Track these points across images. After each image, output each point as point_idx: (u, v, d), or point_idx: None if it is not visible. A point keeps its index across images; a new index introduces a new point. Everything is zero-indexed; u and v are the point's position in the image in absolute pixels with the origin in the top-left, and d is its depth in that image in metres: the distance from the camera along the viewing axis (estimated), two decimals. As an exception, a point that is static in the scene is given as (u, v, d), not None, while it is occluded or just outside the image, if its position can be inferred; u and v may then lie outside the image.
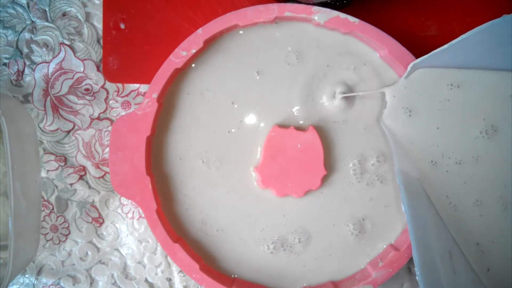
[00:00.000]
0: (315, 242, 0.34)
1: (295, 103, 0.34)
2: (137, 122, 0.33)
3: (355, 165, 0.34)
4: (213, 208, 0.34)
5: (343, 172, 0.34)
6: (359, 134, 0.34)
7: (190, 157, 0.34)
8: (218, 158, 0.34)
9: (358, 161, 0.34)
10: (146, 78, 0.35)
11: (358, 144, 0.34)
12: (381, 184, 0.34)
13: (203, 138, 0.34)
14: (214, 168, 0.34)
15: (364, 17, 0.32)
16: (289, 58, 0.34)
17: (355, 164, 0.34)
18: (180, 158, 0.34)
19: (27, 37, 0.36)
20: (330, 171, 0.34)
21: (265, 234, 0.34)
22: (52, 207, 0.37)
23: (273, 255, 0.34)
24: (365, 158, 0.34)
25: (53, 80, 0.37)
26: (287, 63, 0.34)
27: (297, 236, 0.34)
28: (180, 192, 0.34)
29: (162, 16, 0.36)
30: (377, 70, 0.34)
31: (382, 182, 0.34)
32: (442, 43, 0.36)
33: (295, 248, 0.34)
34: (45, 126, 0.37)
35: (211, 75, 0.34)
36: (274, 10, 0.32)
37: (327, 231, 0.34)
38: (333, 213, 0.34)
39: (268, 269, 0.35)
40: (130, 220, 0.38)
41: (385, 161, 0.34)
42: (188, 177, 0.34)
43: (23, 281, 0.38)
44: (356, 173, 0.34)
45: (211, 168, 0.34)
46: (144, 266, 0.38)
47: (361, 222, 0.34)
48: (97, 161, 0.37)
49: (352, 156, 0.34)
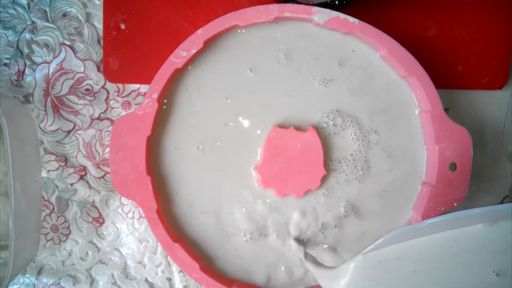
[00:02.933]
0: (315, 242, 0.34)
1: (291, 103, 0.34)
2: (138, 122, 0.33)
3: (355, 165, 0.34)
4: (213, 208, 0.34)
5: (343, 172, 0.34)
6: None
7: (190, 157, 0.34)
8: (219, 158, 0.34)
9: (358, 161, 0.34)
10: (146, 78, 0.36)
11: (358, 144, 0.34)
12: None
13: (203, 137, 0.34)
14: (215, 168, 0.34)
15: (364, 18, 0.32)
16: (279, 57, 0.34)
17: (355, 164, 0.34)
18: (180, 158, 0.34)
19: (28, 37, 0.37)
20: (330, 171, 0.34)
21: (265, 234, 0.34)
22: (52, 207, 0.38)
23: (273, 254, 0.34)
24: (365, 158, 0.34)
25: (53, 80, 0.37)
26: (277, 62, 0.34)
27: (298, 236, 0.34)
28: (181, 192, 0.34)
29: (162, 17, 0.36)
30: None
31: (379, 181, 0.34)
32: (442, 43, 0.36)
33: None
34: (45, 126, 0.37)
35: (208, 74, 0.34)
36: (274, 10, 0.32)
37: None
38: (333, 213, 0.34)
39: (268, 269, 0.35)
40: (131, 220, 0.38)
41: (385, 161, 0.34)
42: (188, 177, 0.34)
43: (24, 281, 0.38)
44: (356, 173, 0.34)
45: (212, 168, 0.34)
46: (144, 266, 0.38)
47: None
48: (97, 161, 0.37)
49: (352, 156, 0.34)
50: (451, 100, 0.37)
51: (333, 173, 0.34)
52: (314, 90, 0.34)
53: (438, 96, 0.33)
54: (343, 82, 0.34)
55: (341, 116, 0.34)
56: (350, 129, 0.34)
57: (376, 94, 0.34)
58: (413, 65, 0.33)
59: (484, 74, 0.37)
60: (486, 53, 0.36)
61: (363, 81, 0.34)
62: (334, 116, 0.34)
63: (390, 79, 0.34)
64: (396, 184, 0.34)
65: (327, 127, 0.34)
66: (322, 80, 0.34)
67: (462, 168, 0.33)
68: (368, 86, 0.34)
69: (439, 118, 0.33)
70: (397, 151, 0.34)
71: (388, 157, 0.34)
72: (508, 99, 0.38)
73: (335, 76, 0.34)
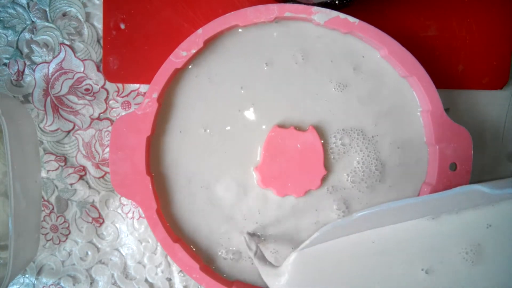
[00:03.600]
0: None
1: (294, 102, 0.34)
2: (137, 122, 0.33)
3: (356, 165, 0.34)
4: (213, 208, 0.34)
5: (343, 172, 0.34)
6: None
7: (190, 157, 0.34)
8: (219, 157, 0.34)
9: (358, 161, 0.34)
10: (146, 78, 0.35)
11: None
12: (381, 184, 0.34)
13: (203, 137, 0.34)
14: (215, 168, 0.34)
15: (364, 17, 0.32)
16: (297, 57, 0.34)
17: (356, 164, 0.34)
18: (179, 158, 0.34)
19: (27, 37, 0.36)
20: (330, 171, 0.34)
21: (265, 234, 0.34)
22: (52, 207, 0.37)
23: (273, 255, 0.34)
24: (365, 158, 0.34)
25: (53, 80, 0.37)
26: (295, 61, 0.34)
27: (298, 237, 0.34)
28: (180, 192, 0.34)
29: (162, 16, 0.36)
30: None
31: (382, 182, 0.34)
32: (442, 43, 0.36)
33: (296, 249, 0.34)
34: (45, 126, 0.37)
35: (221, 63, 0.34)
36: (274, 10, 0.32)
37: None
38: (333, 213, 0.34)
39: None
40: (130, 220, 0.38)
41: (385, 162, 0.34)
42: (188, 177, 0.34)
43: (23, 281, 0.38)
44: (356, 173, 0.34)
45: (211, 168, 0.34)
46: (144, 266, 0.38)
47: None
48: (97, 161, 0.37)
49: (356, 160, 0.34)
50: (451, 100, 0.37)
51: (334, 173, 0.34)
52: (330, 95, 0.34)
53: (438, 96, 0.33)
54: (356, 88, 0.34)
55: (348, 135, 0.34)
56: (355, 141, 0.34)
57: (384, 99, 0.34)
58: (413, 65, 0.33)
59: (484, 74, 0.37)
60: (486, 53, 0.36)
61: (373, 88, 0.34)
62: (342, 135, 0.34)
63: (396, 81, 0.34)
64: (397, 184, 0.34)
65: (335, 147, 0.34)
66: (338, 84, 0.34)
67: (462, 168, 0.33)
68: (377, 92, 0.34)
69: (440, 118, 0.33)
70: (399, 152, 0.34)
71: (391, 157, 0.34)
72: (509, 99, 0.38)
73: (349, 82, 0.34)
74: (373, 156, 0.34)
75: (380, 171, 0.34)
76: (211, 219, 0.34)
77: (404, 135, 0.34)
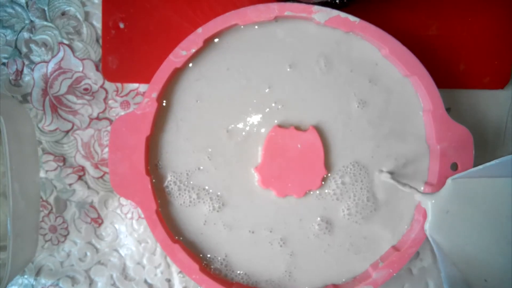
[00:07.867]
0: (315, 243, 0.34)
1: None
2: (137, 122, 0.32)
3: (356, 165, 0.34)
4: (213, 208, 0.34)
5: (343, 173, 0.34)
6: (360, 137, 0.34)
7: (190, 157, 0.34)
8: (219, 157, 0.34)
9: (358, 161, 0.34)
10: (145, 77, 0.35)
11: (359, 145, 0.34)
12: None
13: (203, 136, 0.34)
14: (214, 167, 0.34)
15: (365, 16, 0.32)
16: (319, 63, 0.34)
17: (356, 164, 0.34)
18: (179, 158, 0.34)
19: (26, 36, 0.36)
20: (330, 171, 0.34)
21: (266, 234, 0.34)
22: (51, 208, 0.37)
23: (273, 255, 0.34)
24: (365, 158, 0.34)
25: (52, 80, 0.36)
26: (295, 61, 0.34)
27: (298, 237, 0.34)
28: (180, 192, 0.34)
29: (161, 16, 0.35)
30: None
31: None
32: (443, 42, 0.36)
33: (296, 249, 0.34)
34: (44, 126, 0.37)
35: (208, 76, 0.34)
36: (274, 9, 0.32)
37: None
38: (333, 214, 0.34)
39: (268, 270, 0.34)
40: (129, 220, 0.37)
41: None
42: (188, 177, 0.34)
43: (22, 282, 0.38)
44: (356, 173, 0.34)
45: (211, 167, 0.34)
46: (144, 267, 0.37)
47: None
48: (96, 161, 0.37)
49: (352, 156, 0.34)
50: (452, 99, 0.37)
51: (334, 173, 0.34)
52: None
53: (439, 95, 0.33)
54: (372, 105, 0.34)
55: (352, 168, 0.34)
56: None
57: (394, 116, 0.34)
58: (414, 64, 0.32)
59: (485, 74, 0.36)
60: (487, 52, 0.36)
61: (384, 104, 0.34)
62: (342, 174, 0.34)
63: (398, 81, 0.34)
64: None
65: (337, 187, 0.34)
66: (359, 101, 0.34)
67: (463, 168, 0.33)
68: (386, 108, 0.34)
69: (441, 117, 0.33)
70: (401, 152, 0.34)
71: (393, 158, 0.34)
72: (510, 98, 0.37)
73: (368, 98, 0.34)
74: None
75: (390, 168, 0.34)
76: (211, 219, 0.34)
77: (405, 135, 0.34)
